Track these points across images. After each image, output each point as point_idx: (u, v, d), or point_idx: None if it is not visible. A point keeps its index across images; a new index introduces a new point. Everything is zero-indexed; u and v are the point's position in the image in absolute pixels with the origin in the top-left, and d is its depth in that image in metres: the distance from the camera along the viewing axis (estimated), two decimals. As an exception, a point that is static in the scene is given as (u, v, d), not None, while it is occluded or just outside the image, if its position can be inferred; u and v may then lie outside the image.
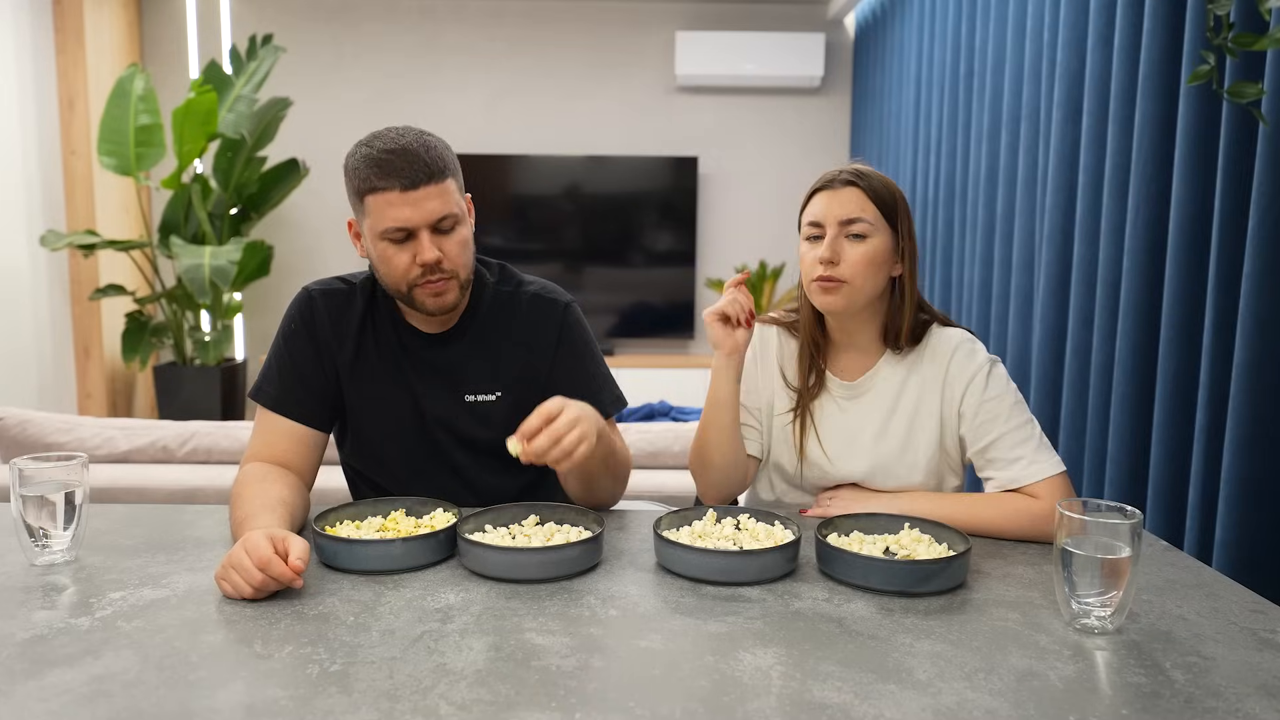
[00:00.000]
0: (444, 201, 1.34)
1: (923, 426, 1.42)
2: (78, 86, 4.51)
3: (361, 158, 1.33)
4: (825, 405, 1.47)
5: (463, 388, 1.47)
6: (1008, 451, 1.36)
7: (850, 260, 1.37)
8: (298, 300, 1.51)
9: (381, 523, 1.27)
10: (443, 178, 1.34)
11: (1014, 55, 2.73)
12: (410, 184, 1.31)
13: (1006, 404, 1.38)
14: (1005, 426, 1.37)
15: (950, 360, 1.41)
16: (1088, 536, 1.01)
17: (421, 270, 1.34)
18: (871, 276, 1.38)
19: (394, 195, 1.31)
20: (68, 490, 1.19)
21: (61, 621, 1.02)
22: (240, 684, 0.88)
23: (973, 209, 3.07)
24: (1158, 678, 0.91)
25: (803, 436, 1.46)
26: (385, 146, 1.32)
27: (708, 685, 0.88)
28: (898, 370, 1.44)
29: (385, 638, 0.98)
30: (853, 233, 1.37)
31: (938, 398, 1.41)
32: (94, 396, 4.67)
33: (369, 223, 1.35)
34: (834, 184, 1.40)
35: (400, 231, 1.33)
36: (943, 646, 0.97)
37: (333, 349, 1.47)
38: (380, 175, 1.31)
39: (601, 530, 1.21)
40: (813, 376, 1.47)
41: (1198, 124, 1.78)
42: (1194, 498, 1.74)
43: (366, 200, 1.33)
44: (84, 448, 2.39)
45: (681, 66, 4.91)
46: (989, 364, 1.40)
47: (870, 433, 1.44)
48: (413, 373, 1.47)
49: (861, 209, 1.37)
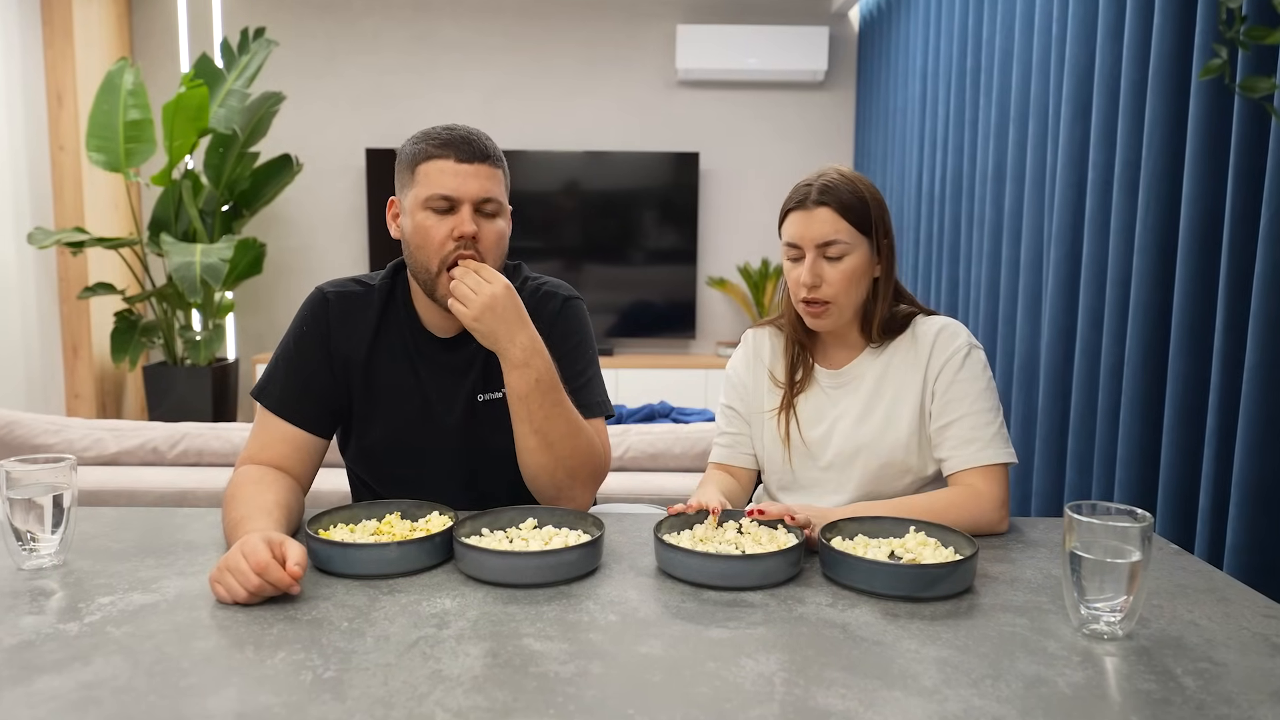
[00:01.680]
0: (493, 183, 1.41)
1: (904, 407, 1.46)
2: (66, 81, 4.51)
3: (421, 136, 1.42)
4: (813, 395, 1.51)
5: (475, 387, 1.48)
6: (966, 432, 1.41)
7: (831, 280, 1.42)
8: (311, 301, 1.50)
9: (376, 526, 1.27)
10: (496, 164, 1.42)
11: (1022, 49, 2.73)
12: (466, 158, 1.39)
13: (977, 388, 1.43)
14: (970, 409, 1.42)
15: (934, 342, 1.46)
16: (1097, 540, 1.01)
17: (455, 245, 1.38)
18: (853, 291, 1.44)
19: (447, 164, 1.38)
20: (56, 493, 1.19)
21: (50, 627, 1.02)
22: (232, 690, 0.88)
23: (980, 206, 3.07)
24: (1168, 684, 0.91)
25: (788, 426, 1.50)
26: (447, 128, 1.42)
27: (709, 692, 0.88)
28: (881, 357, 1.49)
29: (380, 643, 0.98)
30: (829, 254, 1.42)
31: (920, 377, 1.46)
32: (83, 397, 4.67)
33: (415, 192, 1.40)
34: (805, 204, 1.44)
35: (445, 201, 1.38)
36: (949, 652, 0.97)
37: (345, 352, 1.47)
38: (438, 146, 1.40)
39: (601, 534, 1.21)
40: (799, 371, 1.52)
41: (1209, 119, 1.78)
42: (1205, 500, 1.74)
43: (419, 169, 1.40)
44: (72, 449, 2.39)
45: (682, 60, 4.91)
46: (969, 347, 1.45)
47: (853, 416, 1.48)
48: (426, 375, 1.48)
49: (835, 229, 1.41)
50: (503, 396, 1.46)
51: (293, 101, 4.92)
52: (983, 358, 1.46)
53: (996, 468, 1.39)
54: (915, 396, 1.45)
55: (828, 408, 1.50)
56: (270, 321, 5.19)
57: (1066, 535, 1.03)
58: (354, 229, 5.16)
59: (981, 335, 2.99)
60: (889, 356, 1.48)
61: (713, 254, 5.23)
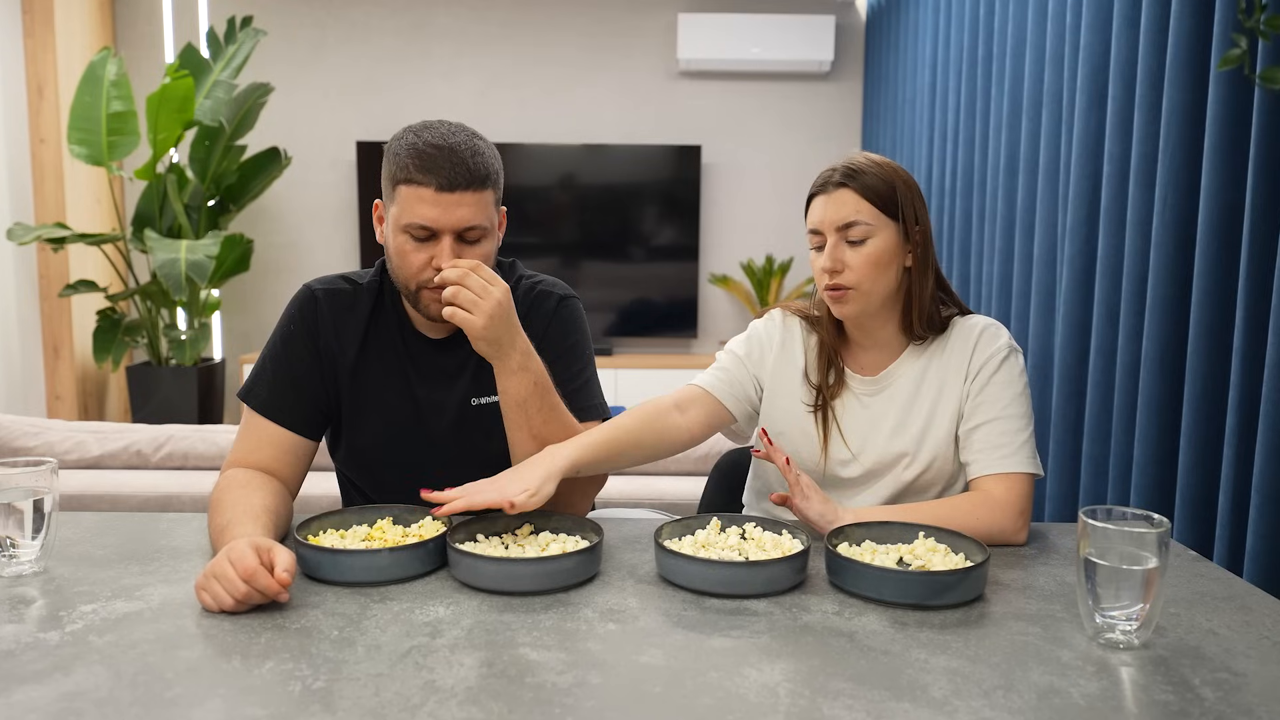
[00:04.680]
0: (476, 211, 1.35)
1: (944, 411, 1.44)
2: (47, 72, 4.51)
3: (407, 145, 1.34)
4: (847, 402, 1.49)
5: (468, 391, 1.48)
6: (994, 437, 1.40)
7: (853, 265, 1.39)
8: (299, 299, 1.50)
9: (368, 531, 1.27)
10: (482, 187, 1.35)
11: (1035, 38, 2.73)
12: (447, 186, 1.32)
13: (1011, 393, 1.42)
14: (1000, 413, 1.41)
15: (975, 344, 1.45)
16: (1112, 546, 1.01)
17: (434, 274, 1.34)
18: (878, 277, 1.40)
19: (427, 193, 1.32)
20: (36, 497, 1.19)
21: (29, 636, 1.02)
22: (218, 702, 0.88)
23: (992, 200, 3.07)
24: (1186, 695, 0.91)
25: (826, 433, 1.48)
26: (433, 140, 1.34)
27: (711, 703, 0.88)
28: (919, 361, 1.47)
29: (371, 653, 0.98)
30: (851, 238, 1.39)
31: (960, 380, 1.44)
32: (64, 398, 4.67)
33: (395, 211, 1.36)
34: (827, 186, 1.41)
35: (424, 230, 1.34)
36: (959, 662, 0.97)
37: (333, 351, 1.47)
38: (419, 168, 1.32)
39: (600, 540, 1.21)
40: (832, 374, 1.49)
41: (1228, 111, 1.78)
42: (1224, 505, 1.74)
43: (399, 189, 1.35)
44: (53, 452, 2.39)
45: (684, 50, 4.91)
46: (1009, 350, 1.44)
47: (890, 423, 1.46)
48: (416, 378, 1.48)
49: (857, 211, 1.38)
50: (496, 401, 1.46)
51: (281, 93, 4.93)
52: (1020, 363, 1.44)
53: (1018, 476, 1.37)
54: (955, 400, 1.44)
55: (864, 415, 1.47)
56: (258, 320, 5.19)
57: (1081, 541, 1.03)
58: (344, 224, 5.16)
59: (993, 334, 2.99)
60: (928, 359, 1.46)
61: (715, 250, 5.23)
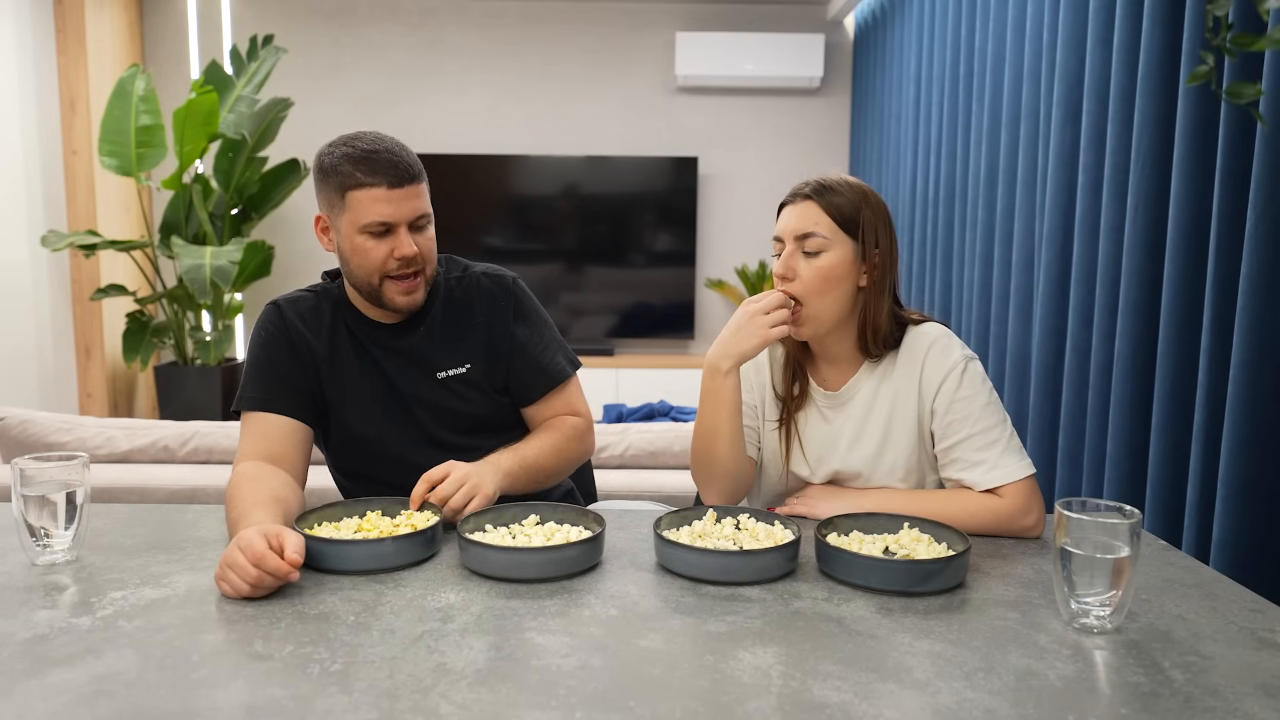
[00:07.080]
0: (422, 200, 1.46)
1: (900, 427, 1.40)
2: (79, 87, 4.51)
3: (343, 156, 1.42)
4: (810, 415, 1.46)
5: (434, 368, 1.53)
6: (972, 454, 1.35)
7: (804, 276, 1.36)
8: (265, 313, 1.55)
9: (359, 523, 1.28)
10: (421, 180, 1.46)
11: (1013, 55, 2.73)
12: (396, 182, 1.41)
13: (978, 405, 1.36)
14: (973, 428, 1.35)
15: (925, 358, 1.39)
16: (1087, 536, 1.01)
17: (398, 264, 1.43)
18: (827, 291, 1.36)
19: (380, 192, 1.40)
20: (69, 490, 1.19)
21: (63, 621, 1.02)
22: (241, 683, 0.88)
23: (972, 209, 3.07)
24: (1157, 677, 0.91)
25: (788, 446, 1.46)
26: (368, 147, 1.42)
27: (707, 685, 0.88)
28: (874, 377, 1.42)
29: (386, 637, 0.98)
30: (807, 248, 1.36)
31: (914, 395, 1.39)
32: (95, 396, 4.67)
33: (348, 217, 1.43)
34: (796, 198, 1.40)
35: (382, 226, 1.42)
36: (942, 646, 0.97)
37: (310, 346, 1.51)
38: (367, 172, 1.40)
39: (602, 530, 1.21)
40: (796, 387, 1.47)
41: (1197, 124, 1.78)
42: (1192, 497, 1.74)
43: (349, 195, 1.41)
44: (85, 447, 2.39)
45: (681, 67, 4.91)
46: (964, 361, 1.37)
47: (846, 439, 1.43)
48: (384, 360, 1.53)
49: (816, 223, 1.36)
50: (466, 370, 1.53)
51: (300, 107, 4.92)
52: (979, 369, 1.39)
53: (1011, 485, 1.33)
54: (912, 414, 1.39)
55: (825, 429, 1.44)
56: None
57: (1057, 531, 1.03)
58: (360, 232, 5.15)
59: (974, 335, 2.99)
60: (881, 375, 1.41)
61: (711, 256, 5.22)
